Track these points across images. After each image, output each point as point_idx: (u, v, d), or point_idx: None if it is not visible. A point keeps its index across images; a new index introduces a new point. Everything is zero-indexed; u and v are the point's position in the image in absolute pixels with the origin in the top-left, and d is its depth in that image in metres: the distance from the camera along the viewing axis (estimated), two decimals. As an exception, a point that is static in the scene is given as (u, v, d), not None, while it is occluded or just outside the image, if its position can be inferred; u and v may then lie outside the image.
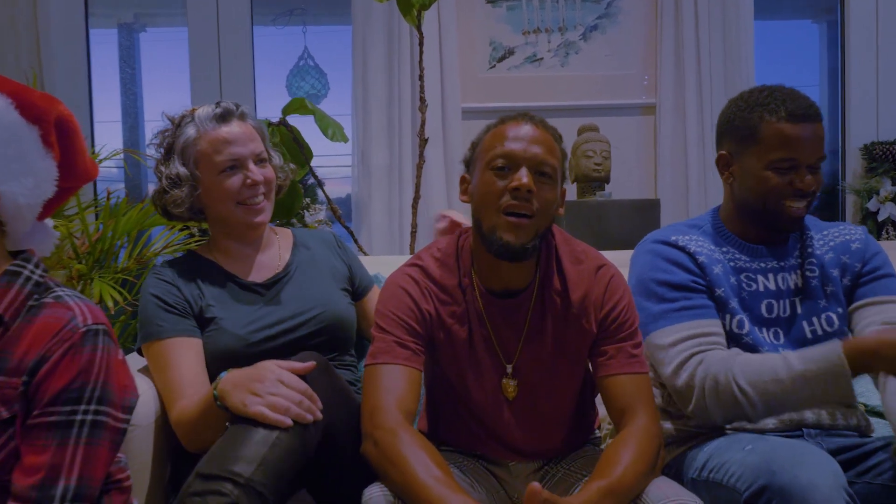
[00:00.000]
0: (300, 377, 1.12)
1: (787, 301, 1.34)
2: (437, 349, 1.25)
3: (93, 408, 0.94)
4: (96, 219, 2.21)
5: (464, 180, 1.27)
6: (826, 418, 1.28)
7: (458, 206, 2.92)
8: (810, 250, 1.35)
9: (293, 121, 2.37)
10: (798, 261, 1.36)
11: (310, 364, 1.14)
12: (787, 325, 1.33)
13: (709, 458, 1.20)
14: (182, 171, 1.35)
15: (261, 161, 1.39)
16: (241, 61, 3.10)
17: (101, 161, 2.23)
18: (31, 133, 0.97)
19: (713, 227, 1.39)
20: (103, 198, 2.19)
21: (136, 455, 1.22)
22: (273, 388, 1.08)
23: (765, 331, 1.32)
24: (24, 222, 0.99)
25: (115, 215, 1.99)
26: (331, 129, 2.33)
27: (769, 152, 1.26)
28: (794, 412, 1.24)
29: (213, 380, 1.27)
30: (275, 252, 1.47)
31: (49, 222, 1.08)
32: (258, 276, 1.42)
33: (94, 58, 3.14)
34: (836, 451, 1.20)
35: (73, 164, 1.03)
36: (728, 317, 1.31)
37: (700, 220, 1.42)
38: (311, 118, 2.38)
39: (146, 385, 1.32)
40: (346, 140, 2.36)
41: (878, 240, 2.19)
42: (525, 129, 1.18)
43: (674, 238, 1.35)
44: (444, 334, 1.24)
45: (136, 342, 1.35)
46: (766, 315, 1.33)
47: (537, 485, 0.98)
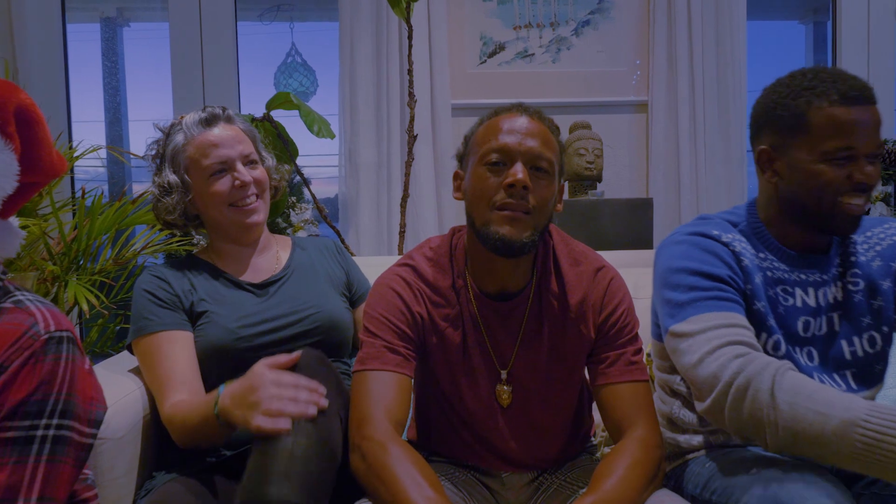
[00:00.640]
0: (294, 369, 1.08)
1: (824, 317, 1.19)
2: (429, 354, 1.20)
3: (55, 422, 0.87)
4: (73, 218, 2.14)
5: (457, 176, 1.21)
6: None
7: (447, 205, 2.88)
8: (853, 258, 1.20)
9: (278, 117, 2.30)
10: (839, 270, 1.21)
11: (294, 355, 1.10)
12: (824, 345, 1.19)
13: (711, 477, 1.13)
14: (172, 178, 1.37)
15: (250, 162, 1.40)
16: (225, 57, 3.03)
17: (78, 158, 2.16)
18: None
19: (751, 228, 1.22)
20: (80, 196, 2.12)
21: (105, 471, 1.16)
22: (267, 392, 1.04)
23: (798, 350, 1.17)
24: (-20, 221, 0.93)
25: (91, 214, 1.92)
26: (316, 124, 2.26)
27: (822, 142, 1.10)
28: (812, 457, 1.00)
29: (204, 376, 1.30)
30: (272, 255, 1.47)
31: (14, 221, 1.01)
32: (254, 276, 1.42)
33: (76, 53, 3.06)
34: None
35: (36, 157, 0.96)
36: (764, 336, 1.15)
37: (736, 217, 1.25)
38: (297, 116, 2.32)
39: (122, 392, 1.26)
40: (332, 136, 2.29)
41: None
42: (520, 121, 1.13)
43: (716, 233, 1.19)
44: (437, 338, 1.19)
45: (127, 339, 1.36)
46: (801, 334, 1.17)
47: None
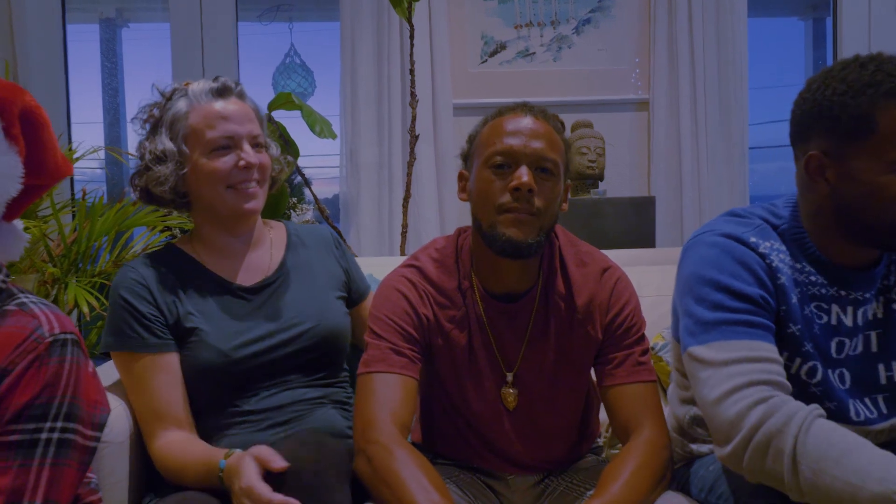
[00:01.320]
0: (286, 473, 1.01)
1: (861, 336, 1.08)
2: (434, 356, 1.19)
3: (59, 425, 0.87)
4: (73, 219, 2.13)
5: (461, 177, 1.21)
6: None
7: (449, 205, 2.87)
8: None
9: (279, 117, 2.30)
10: (884, 284, 1.10)
11: (282, 465, 1.01)
12: (857, 366, 1.08)
13: (717, 480, 1.11)
14: (169, 145, 1.22)
15: (257, 145, 1.26)
16: (225, 58, 3.02)
17: (78, 159, 2.15)
18: None
19: (792, 234, 1.08)
20: (80, 198, 2.11)
21: (108, 474, 1.15)
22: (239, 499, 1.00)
23: (830, 373, 1.07)
24: (-15, 223, 0.92)
25: (91, 216, 1.92)
26: (318, 125, 2.26)
27: (892, 149, 0.95)
28: None
29: (195, 394, 1.21)
30: (266, 250, 1.33)
31: (18, 223, 1.00)
32: (246, 278, 1.29)
33: (75, 54, 3.06)
34: None
35: (41, 159, 0.96)
36: (798, 361, 1.05)
37: (779, 218, 1.10)
38: (298, 117, 2.31)
39: (123, 396, 1.24)
40: (334, 136, 2.29)
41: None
42: (524, 121, 1.12)
43: (753, 240, 1.05)
44: (443, 340, 1.18)
45: (102, 340, 1.24)
46: (834, 355, 1.06)
47: None
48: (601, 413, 1.38)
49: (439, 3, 2.81)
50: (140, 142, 1.27)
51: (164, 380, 1.18)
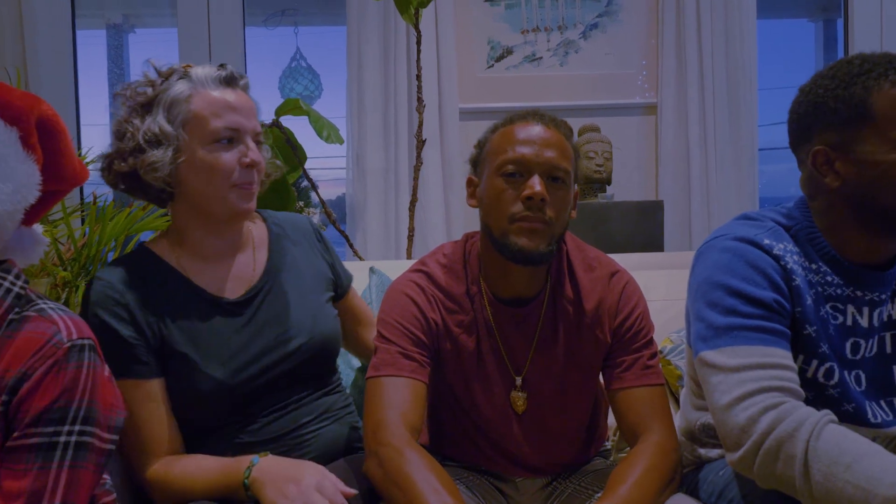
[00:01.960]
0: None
1: (876, 337, 1.08)
2: (443, 360, 1.20)
3: (77, 428, 0.88)
4: (82, 223, 2.15)
5: (471, 182, 1.21)
6: None
7: (455, 209, 2.88)
8: None
9: (285, 121, 2.31)
10: None
11: (352, 491, 1.04)
12: (872, 368, 1.08)
13: (727, 486, 1.11)
14: (167, 128, 1.09)
15: (258, 143, 1.18)
16: (233, 62, 3.03)
17: (88, 164, 2.17)
18: (8, 135, 0.91)
19: (805, 234, 1.08)
20: (90, 202, 2.13)
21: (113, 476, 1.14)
22: (307, 495, 0.99)
23: (847, 375, 1.07)
24: (4, 230, 0.93)
25: (101, 220, 1.93)
26: (326, 130, 2.28)
27: (892, 128, 0.97)
28: None
29: (192, 418, 1.15)
30: (249, 252, 1.23)
31: (38, 228, 1.02)
32: (232, 288, 1.18)
33: (82, 59, 3.08)
34: None
35: (59, 166, 0.97)
36: (815, 363, 1.04)
37: (791, 219, 1.10)
38: (305, 120, 2.33)
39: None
40: (341, 142, 2.31)
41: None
42: (535, 129, 1.12)
43: (767, 242, 1.05)
44: (451, 345, 1.19)
45: None
46: (849, 356, 1.06)
47: None
48: (609, 416, 1.39)
49: (446, 9, 2.83)
50: (120, 119, 1.13)
51: (150, 408, 1.10)
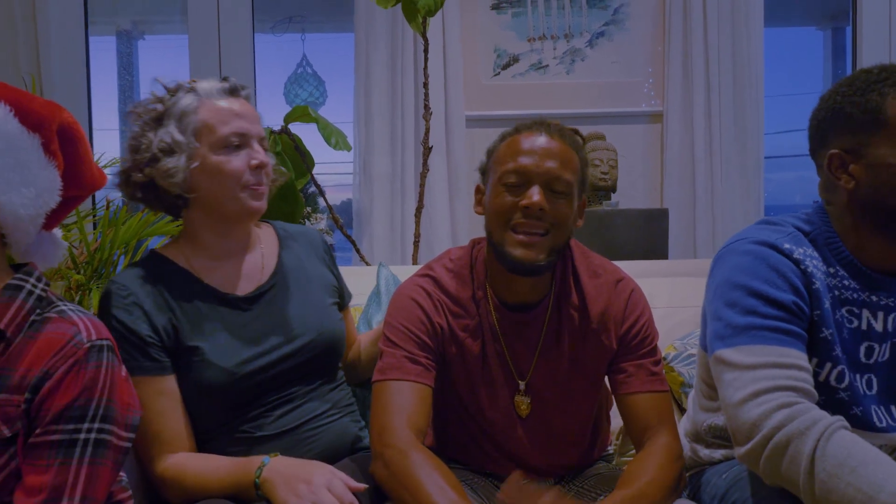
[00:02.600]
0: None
1: (889, 343, 1.09)
2: (448, 364, 1.22)
3: (96, 426, 0.91)
4: (94, 228, 2.18)
5: (478, 190, 1.23)
6: None
7: (461, 216, 2.90)
8: None
9: (294, 129, 2.34)
10: None
11: (362, 486, 1.07)
12: (885, 373, 1.10)
13: (730, 489, 1.13)
14: (179, 137, 1.17)
15: (263, 148, 1.25)
16: (242, 69, 3.08)
17: (104, 168, 2.20)
18: (31, 142, 0.94)
19: (824, 239, 1.11)
20: (101, 207, 2.16)
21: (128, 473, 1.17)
22: (318, 494, 1.02)
23: (858, 378, 1.09)
24: (26, 234, 0.97)
25: (114, 224, 1.96)
26: (334, 137, 2.30)
27: None
28: None
29: (200, 413, 1.19)
30: (258, 253, 1.28)
31: (58, 232, 1.05)
32: (241, 286, 1.24)
33: (92, 65, 3.12)
34: None
35: (78, 172, 1.01)
36: (828, 366, 1.06)
37: (810, 224, 1.13)
38: (312, 126, 2.36)
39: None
40: (349, 149, 2.33)
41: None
42: (540, 140, 1.14)
43: (787, 247, 1.07)
44: (457, 349, 1.21)
45: None
46: (863, 360, 1.08)
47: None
48: (612, 420, 1.41)
49: (453, 17, 2.85)
50: (134, 134, 1.20)
51: (163, 404, 1.15)
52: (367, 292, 1.74)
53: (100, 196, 2.79)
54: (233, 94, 1.24)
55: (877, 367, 1.09)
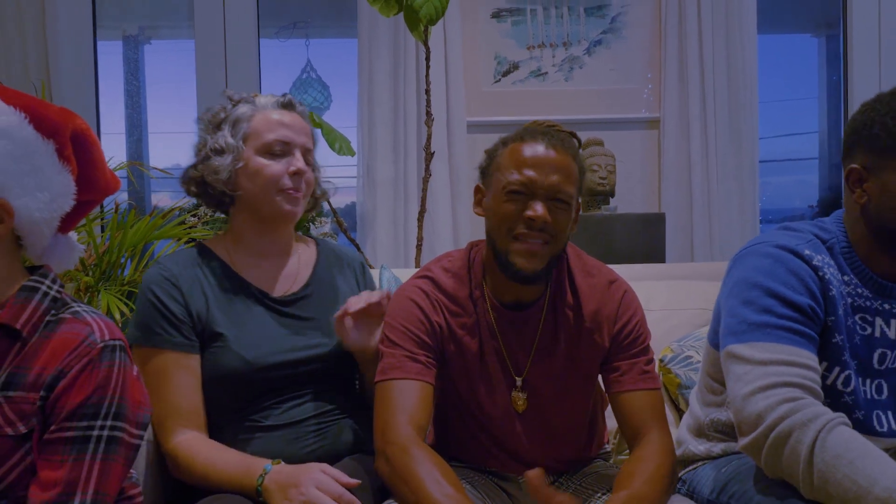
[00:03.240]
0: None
1: None
2: (447, 361, 1.25)
3: (109, 423, 0.94)
4: (102, 231, 2.21)
5: (478, 190, 1.26)
6: None
7: (463, 220, 2.93)
8: None
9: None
10: None
11: (354, 481, 1.11)
12: (893, 378, 1.14)
13: (730, 481, 1.15)
14: (230, 140, 1.29)
15: (308, 159, 1.34)
16: (248, 73, 3.12)
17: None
18: (46, 148, 0.97)
19: (840, 247, 1.15)
20: (109, 210, 2.20)
21: (142, 472, 1.20)
22: (308, 494, 1.07)
23: (868, 383, 1.12)
24: (42, 236, 0.99)
25: (122, 228, 2.00)
26: (338, 143, 2.34)
27: None
28: None
29: (214, 400, 1.24)
30: (295, 263, 1.38)
31: (73, 236, 1.07)
32: (275, 287, 1.33)
33: (99, 69, 3.16)
34: None
35: (92, 177, 1.03)
36: (837, 370, 1.10)
37: (827, 233, 1.16)
38: (316, 131, 2.38)
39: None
40: (353, 154, 2.37)
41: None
42: (543, 151, 1.16)
43: (808, 253, 1.11)
44: (455, 346, 1.24)
45: (129, 332, 1.26)
46: (875, 366, 1.12)
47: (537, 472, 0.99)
48: (609, 420, 1.44)
49: (454, 25, 2.89)
50: (199, 140, 1.34)
51: (186, 379, 1.22)
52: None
53: (108, 199, 2.84)
54: (286, 107, 1.34)
55: (887, 373, 1.12)
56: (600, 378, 1.30)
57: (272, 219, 1.32)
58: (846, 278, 1.12)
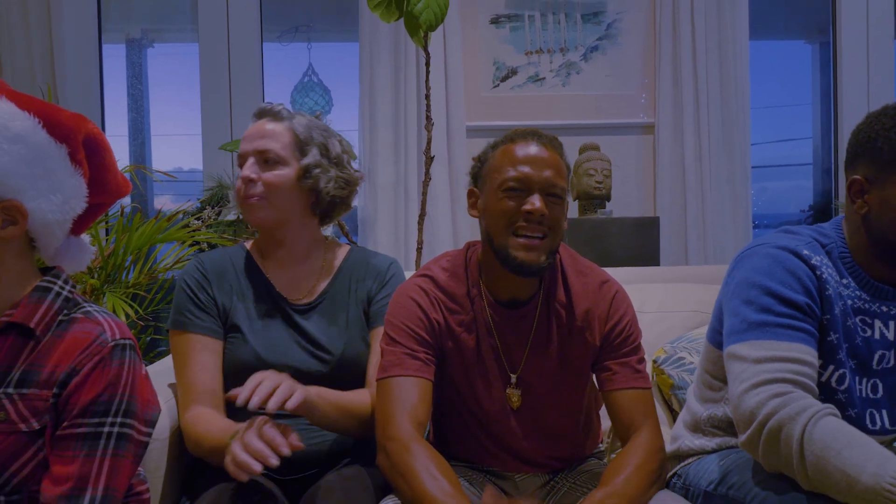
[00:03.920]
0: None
1: (893, 350, 1.16)
2: (446, 358, 1.28)
3: (119, 420, 0.96)
4: (107, 234, 2.24)
5: (472, 194, 1.29)
6: None
7: (462, 223, 2.96)
8: None
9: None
10: None
11: (285, 451, 1.07)
12: (890, 378, 1.17)
13: (728, 473, 1.18)
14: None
15: (266, 161, 1.34)
16: (251, 77, 3.15)
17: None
18: (59, 151, 1.00)
19: (838, 252, 1.18)
20: (114, 213, 2.23)
21: (152, 469, 1.24)
22: (247, 438, 1.07)
23: (864, 382, 1.15)
24: (55, 238, 1.02)
25: (128, 230, 2.02)
26: (339, 146, 2.36)
27: None
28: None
29: (226, 390, 1.29)
30: (314, 267, 1.42)
31: (86, 238, 1.10)
32: (293, 291, 1.40)
33: (103, 73, 3.19)
34: None
35: (103, 180, 1.06)
36: (831, 368, 1.13)
37: (826, 238, 1.19)
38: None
39: (164, 398, 1.34)
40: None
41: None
42: (535, 149, 1.21)
43: (806, 253, 1.14)
44: (453, 343, 1.27)
45: (167, 324, 1.37)
46: (874, 367, 1.15)
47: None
48: (603, 419, 1.47)
49: (454, 31, 2.92)
50: None
51: (207, 359, 1.30)
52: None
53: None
54: (258, 116, 1.40)
55: (884, 373, 1.15)
56: (594, 376, 1.33)
57: (255, 228, 1.40)
58: (844, 281, 1.15)
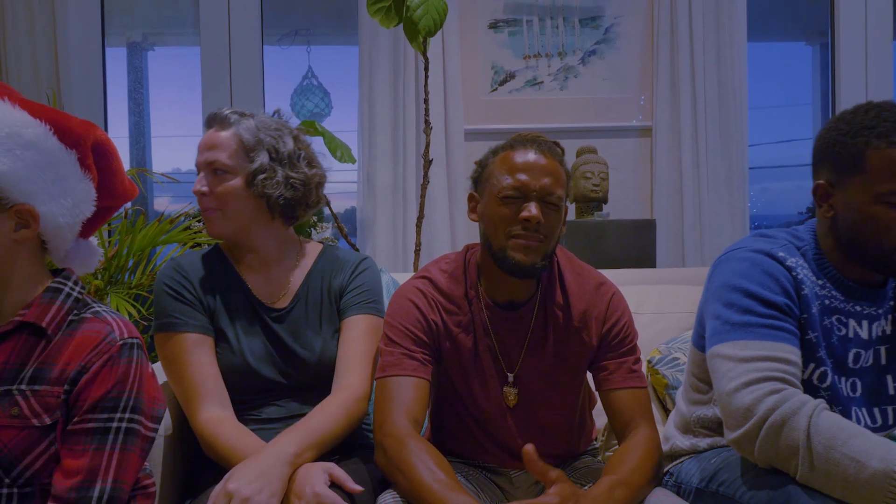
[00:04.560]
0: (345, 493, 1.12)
1: (873, 350, 1.19)
2: (444, 358, 1.31)
3: (127, 416, 1.00)
4: (110, 236, 2.27)
5: (472, 198, 1.32)
6: None
7: (460, 225, 2.99)
8: None
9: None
10: (892, 304, 1.21)
11: (359, 488, 1.13)
12: (868, 377, 1.19)
13: (718, 470, 1.20)
14: None
15: (215, 172, 1.31)
16: (252, 80, 3.18)
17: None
18: (69, 157, 1.03)
19: (812, 254, 1.21)
20: (116, 215, 2.25)
21: (155, 465, 1.27)
22: (319, 492, 1.08)
23: (843, 381, 1.18)
24: (65, 240, 1.06)
25: (131, 232, 2.05)
26: (339, 150, 2.40)
27: (878, 183, 1.09)
28: (841, 498, 1.00)
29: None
30: (288, 272, 1.40)
31: (94, 240, 1.14)
32: (267, 296, 1.38)
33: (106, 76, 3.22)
34: None
35: (111, 185, 1.10)
36: (812, 366, 1.16)
37: (801, 241, 1.23)
38: (318, 138, 2.45)
39: (167, 396, 1.35)
40: (353, 161, 2.43)
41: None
42: (534, 157, 1.23)
43: (781, 255, 1.18)
44: (451, 343, 1.30)
45: (151, 331, 1.33)
46: (851, 365, 1.18)
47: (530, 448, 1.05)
48: (597, 420, 1.50)
49: (452, 35, 2.94)
50: None
51: (205, 357, 1.28)
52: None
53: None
54: (207, 125, 1.37)
55: (861, 372, 1.18)
56: (590, 376, 1.36)
57: (216, 240, 1.40)
58: (820, 282, 1.19)
